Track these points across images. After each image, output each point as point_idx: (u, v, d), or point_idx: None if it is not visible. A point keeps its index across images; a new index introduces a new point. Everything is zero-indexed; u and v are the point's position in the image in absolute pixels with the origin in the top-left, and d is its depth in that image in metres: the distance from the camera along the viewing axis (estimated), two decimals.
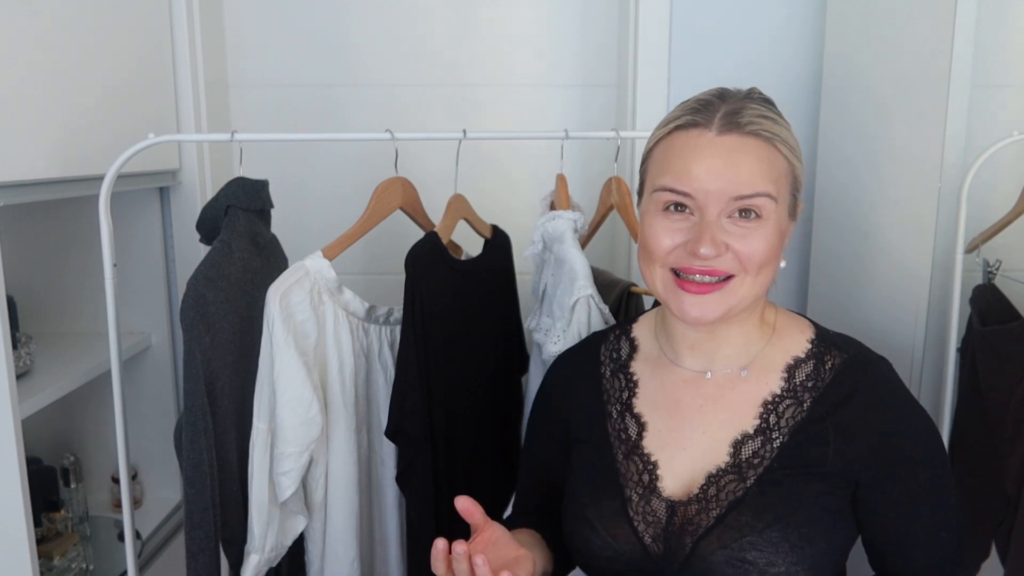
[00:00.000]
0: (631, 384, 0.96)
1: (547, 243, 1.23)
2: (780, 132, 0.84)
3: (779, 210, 0.84)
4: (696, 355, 0.92)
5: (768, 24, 1.70)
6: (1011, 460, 1.17)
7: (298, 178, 1.78)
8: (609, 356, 1.00)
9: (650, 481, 0.89)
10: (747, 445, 0.87)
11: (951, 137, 1.21)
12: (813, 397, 0.87)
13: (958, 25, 1.18)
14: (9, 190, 1.12)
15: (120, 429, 1.18)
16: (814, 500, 0.84)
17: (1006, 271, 1.29)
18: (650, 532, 0.87)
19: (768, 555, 0.81)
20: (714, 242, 0.81)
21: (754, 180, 0.81)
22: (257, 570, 1.09)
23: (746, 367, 0.90)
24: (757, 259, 0.83)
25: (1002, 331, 1.22)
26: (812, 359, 0.90)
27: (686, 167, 0.82)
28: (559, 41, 1.77)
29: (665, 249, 0.84)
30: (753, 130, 0.82)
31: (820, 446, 0.85)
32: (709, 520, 0.85)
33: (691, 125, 0.84)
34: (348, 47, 1.76)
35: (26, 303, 1.54)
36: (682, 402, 0.92)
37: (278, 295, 1.04)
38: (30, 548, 1.15)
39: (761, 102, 0.86)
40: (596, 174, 1.73)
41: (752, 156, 0.82)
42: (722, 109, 0.83)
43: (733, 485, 0.86)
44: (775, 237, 0.84)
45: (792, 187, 0.86)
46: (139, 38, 1.45)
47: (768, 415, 0.88)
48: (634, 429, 0.93)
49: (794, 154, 0.86)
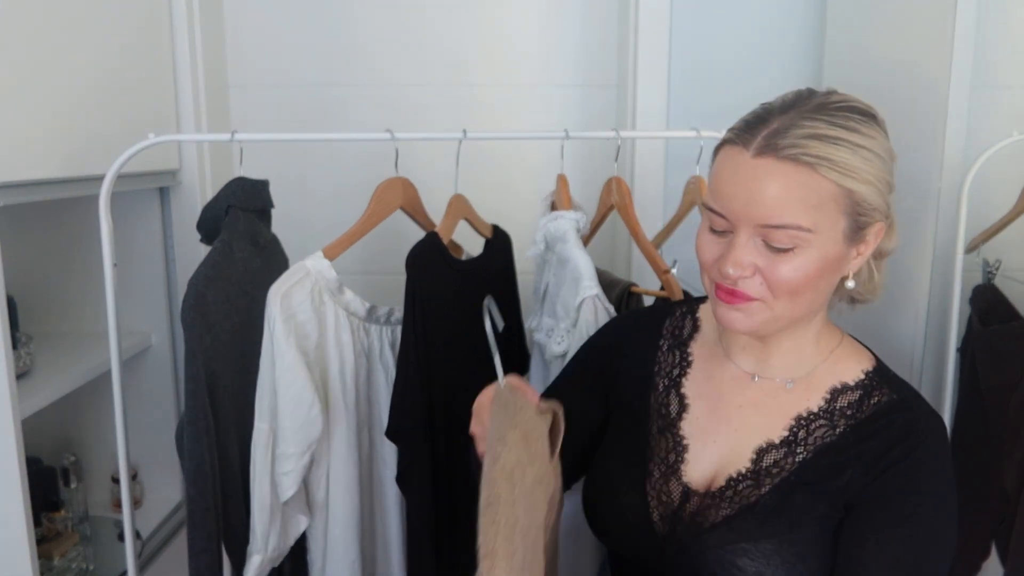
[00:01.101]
0: (685, 363, 0.97)
1: (549, 243, 1.23)
2: (830, 154, 0.77)
3: (822, 238, 0.79)
4: (747, 356, 0.93)
5: (768, 24, 1.70)
6: (1011, 460, 1.17)
7: (298, 178, 1.78)
8: (671, 332, 1.00)
9: (675, 462, 0.91)
10: (770, 454, 0.88)
11: (951, 137, 1.21)
12: (848, 425, 0.86)
13: (958, 25, 1.19)
14: (9, 190, 1.12)
15: (120, 429, 1.18)
16: (819, 520, 0.84)
17: (1006, 271, 1.29)
18: (659, 510, 0.89)
19: (759, 565, 0.82)
20: (737, 263, 0.80)
21: (781, 210, 0.77)
22: (260, 570, 1.09)
23: (793, 380, 0.90)
24: (787, 287, 0.80)
25: (1002, 331, 1.22)
26: (860, 390, 0.88)
27: (721, 187, 0.81)
28: (559, 41, 1.77)
29: (708, 262, 0.85)
30: (791, 155, 0.76)
31: (838, 471, 0.84)
32: (717, 517, 0.86)
33: (734, 142, 0.81)
34: (348, 47, 1.76)
35: (26, 303, 1.54)
36: (724, 398, 0.93)
37: (279, 296, 1.04)
38: (30, 548, 1.15)
39: (829, 116, 0.79)
40: (596, 174, 1.73)
41: (781, 183, 0.77)
42: (767, 129, 0.79)
43: (748, 490, 0.86)
44: (813, 266, 0.79)
45: (849, 210, 0.79)
46: (139, 38, 1.45)
47: (798, 430, 0.88)
48: (675, 407, 0.94)
49: (851, 175, 0.78)
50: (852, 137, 0.78)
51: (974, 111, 1.23)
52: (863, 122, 0.80)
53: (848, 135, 0.78)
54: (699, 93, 1.68)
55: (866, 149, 0.79)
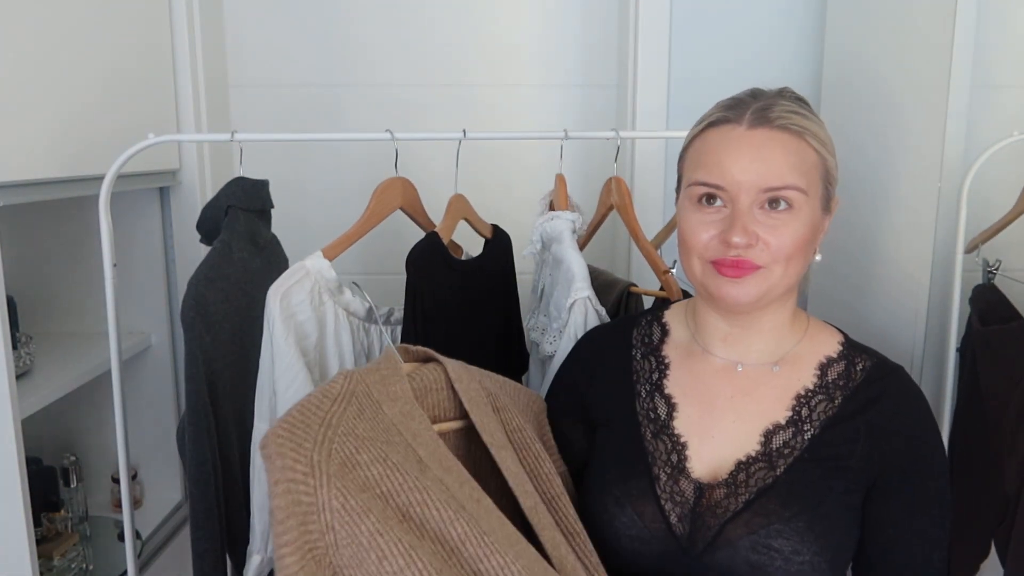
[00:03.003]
0: (662, 366, 0.98)
1: (545, 243, 1.23)
2: (810, 127, 0.86)
3: (810, 203, 0.86)
4: (728, 347, 0.94)
5: (768, 24, 1.70)
6: (1011, 460, 1.17)
7: (298, 178, 1.78)
8: (641, 340, 1.01)
9: (679, 461, 0.91)
10: (778, 435, 0.89)
11: (951, 137, 1.21)
12: (844, 395, 0.90)
13: (958, 25, 1.18)
14: (9, 190, 1.12)
15: (120, 429, 1.18)
16: (837, 496, 0.86)
17: (1006, 271, 1.29)
18: (676, 511, 0.88)
19: (794, 543, 0.82)
20: (745, 231, 0.84)
21: (783, 173, 0.84)
22: (260, 570, 1.08)
23: (777, 363, 0.93)
24: (786, 250, 0.85)
25: (1002, 331, 1.22)
26: (843, 360, 0.93)
27: (718, 160, 0.86)
28: (559, 41, 1.77)
29: (702, 242, 0.87)
30: (783, 124, 0.85)
31: (849, 443, 0.87)
32: (738, 504, 0.86)
33: (723, 121, 0.88)
34: (348, 47, 1.76)
35: (26, 303, 1.54)
36: (713, 391, 0.93)
37: (278, 295, 1.04)
38: (30, 548, 1.15)
39: (792, 100, 0.89)
40: (596, 174, 1.73)
41: (781, 149, 0.85)
42: (753, 106, 0.87)
43: (763, 473, 0.87)
44: (805, 229, 0.86)
45: (824, 180, 0.88)
46: (139, 38, 1.45)
47: (800, 408, 0.90)
48: (664, 409, 0.94)
49: (825, 148, 0.88)
50: (815, 117, 0.89)
51: (974, 111, 1.23)
52: (812, 109, 0.91)
53: (812, 115, 0.89)
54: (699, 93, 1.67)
55: (824, 127, 0.89)
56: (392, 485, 0.79)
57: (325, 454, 0.79)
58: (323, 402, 0.84)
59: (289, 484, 0.77)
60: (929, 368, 1.29)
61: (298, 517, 0.76)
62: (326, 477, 0.78)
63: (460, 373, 0.95)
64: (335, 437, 0.81)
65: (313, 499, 0.77)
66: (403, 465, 0.81)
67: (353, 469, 0.79)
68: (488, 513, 0.80)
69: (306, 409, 0.83)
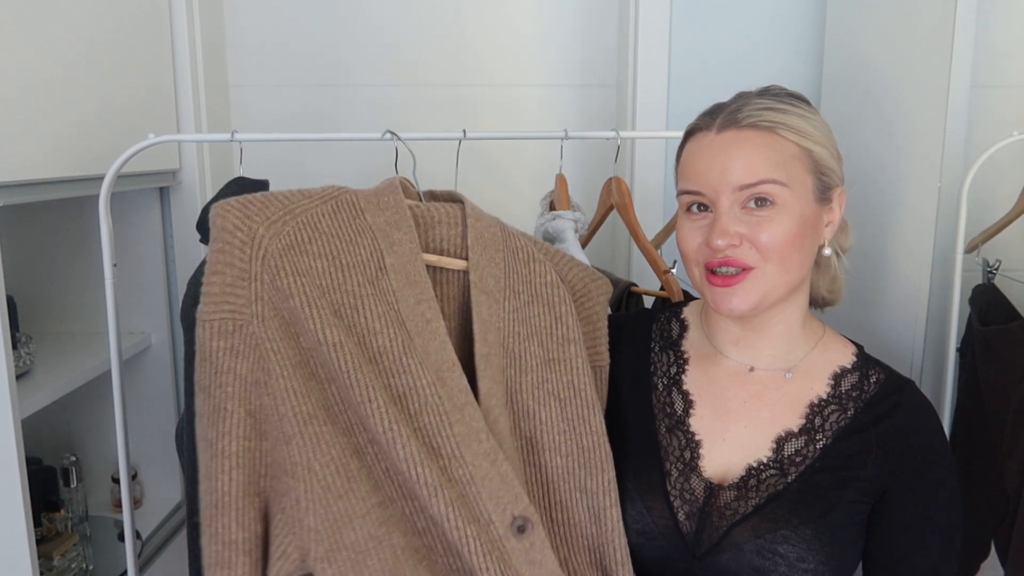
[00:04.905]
0: (680, 361, 0.98)
1: (548, 242, 1.23)
2: (786, 120, 0.86)
3: (796, 196, 0.85)
4: (740, 350, 0.94)
5: (767, 24, 1.70)
6: (1011, 460, 1.17)
7: (298, 178, 1.77)
8: (660, 334, 1.01)
9: (691, 459, 0.90)
10: (790, 443, 0.89)
11: (951, 137, 1.21)
12: (857, 407, 0.90)
13: (958, 25, 1.18)
14: (9, 190, 1.12)
15: (120, 429, 1.18)
16: (847, 506, 0.85)
17: (1006, 271, 1.29)
18: (685, 509, 0.88)
19: (800, 550, 0.82)
20: (725, 232, 0.84)
21: (755, 169, 0.84)
22: None
23: (791, 370, 0.93)
24: (776, 247, 0.84)
25: (1002, 331, 1.22)
26: (857, 371, 0.93)
27: (695, 168, 0.88)
28: (559, 41, 1.77)
29: (693, 248, 0.88)
30: (751, 122, 0.85)
31: (860, 454, 0.87)
32: (747, 508, 0.86)
33: (698, 129, 0.90)
34: (348, 47, 1.76)
35: (26, 303, 1.54)
36: (727, 394, 0.93)
37: None
38: (30, 548, 1.15)
39: (773, 97, 0.89)
40: (596, 174, 1.73)
41: (750, 146, 0.85)
42: (727, 109, 0.88)
43: (774, 479, 0.87)
44: (793, 223, 0.85)
45: (814, 171, 0.87)
46: (139, 38, 1.45)
47: (814, 417, 0.90)
48: (680, 405, 0.94)
49: (809, 138, 0.86)
50: (797, 110, 0.88)
51: (974, 111, 1.23)
52: (801, 103, 0.90)
53: (794, 108, 0.88)
54: (699, 93, 1.68)
55: (813, 117, 0.88)
56: (330, 281, 0.77)
57: (272, 233, 0.77)
58: (295, 195, 0.81)
59: (224, 245, 0.75)
60: (929, 368, 1.29)
61: (227, 276, 0.75)
62: (263, 251, 0.76)
63: (480, 213, 0.91)
64: (291, 222, 0.79)
65: (246, 267, 0.76)
66: (352, 267, 0.78)
67: (299, 255, 0.77)
68: (431, 336, 0.78)
69: (273, 195, 0.80)
